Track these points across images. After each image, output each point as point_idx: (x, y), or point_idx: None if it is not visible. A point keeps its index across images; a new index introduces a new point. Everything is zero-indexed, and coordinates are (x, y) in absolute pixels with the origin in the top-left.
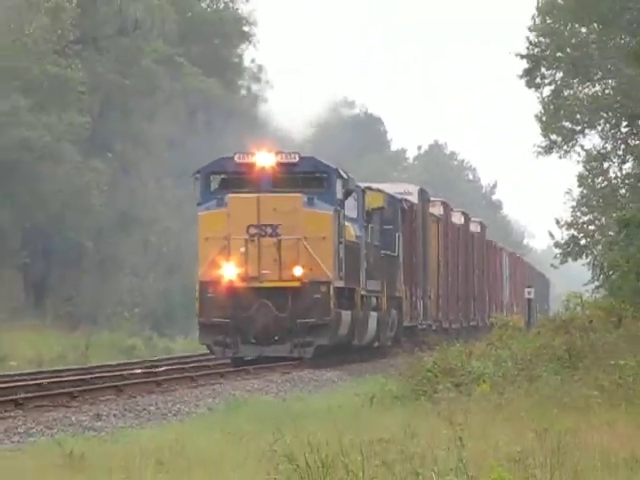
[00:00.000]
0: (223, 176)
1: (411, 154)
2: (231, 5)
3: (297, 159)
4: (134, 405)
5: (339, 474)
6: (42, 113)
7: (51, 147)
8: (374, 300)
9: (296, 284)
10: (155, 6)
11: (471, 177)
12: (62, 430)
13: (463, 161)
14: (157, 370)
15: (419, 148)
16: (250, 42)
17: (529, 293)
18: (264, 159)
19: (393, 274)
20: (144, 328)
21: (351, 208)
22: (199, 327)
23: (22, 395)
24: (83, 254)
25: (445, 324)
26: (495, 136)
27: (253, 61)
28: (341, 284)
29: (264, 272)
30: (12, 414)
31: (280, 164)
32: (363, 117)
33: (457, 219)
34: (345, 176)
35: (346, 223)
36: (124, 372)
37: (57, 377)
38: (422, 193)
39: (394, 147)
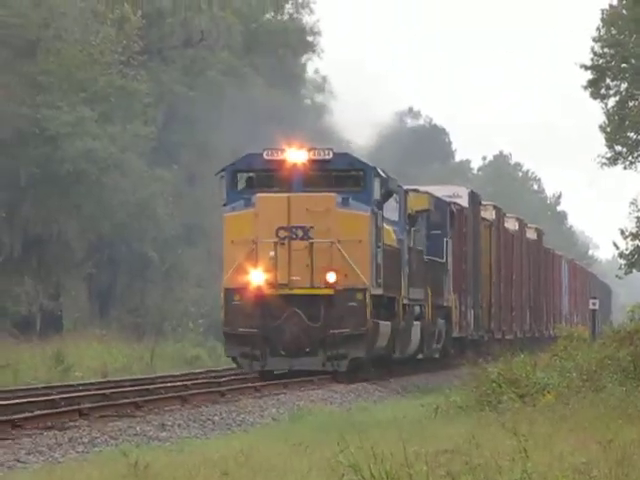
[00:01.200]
0: (251, 174)
1: (476, 164)
2: (295, 16)
3: (331, 156)
4: (198, 415)
5: None
6: (107, 124)
7: (116, 158)
8: (417, 309)
9: (329, 291)
10: (220, 17)
11: (536, 187)
12: (127, 440)
13: (528, 172)
14: (221, 380)
15: (484, 159)
16: (314, 52)
17: (594, 304)
18: (295, 156)
19: (440, 282)
20: (208, 339)
21: (392, 210)
22: (225, 338)
23: (87, 405)
24: (148, 264)
25: (498, 335)
26: (560, 147)
27: (317, 72)
28: (379, 292)
29: (294, 278)
30: (77, 424)
31: (313, 161)
32: (428, 127)
33: (511, 225)
34: (384, 175)
35: (386, 226)
36: (188, 382)
37: (122, 387)
38: (473, 196)
39: (458, 157)
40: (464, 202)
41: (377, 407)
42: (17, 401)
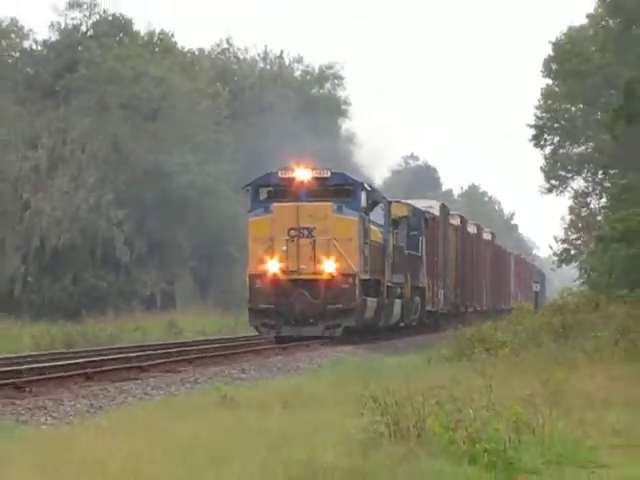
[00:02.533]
0: (269, 188)
1: (456, 192)
2: (333, 92)
3: (329, 174)
4: (267, 363)
5: (407, 410)
6: (204, 164)
7: (211, 187)
8: (399, 290)
9: (327, 276)
10: (282, 93)
11: (497, 208)
12: (219, 380)
13: (491, 197)
14: None
15: (461, 188)
16: (346, 116)
17: (536, 287)
18: (302, 174)
19: (416, 269)
20: None
21: (379, 216)
22: (249, 312)
23: (192, 356)
24: (233, 260)
25: (462, 309)
26: (514, 179)
27: (347, 130)
28: (366, 276)
29: (302, 267)
30: (185, 369)
31: (315, 178)
32: (423, 167)
33: (471, 229)
34: (369, 188)
35: (373, 227)
36: (260, 341)
37: (215, 344)
38: (443, 208)
39: (444, 188)
40: (436, 212)
41: (387, 359)
42: (145, 353)
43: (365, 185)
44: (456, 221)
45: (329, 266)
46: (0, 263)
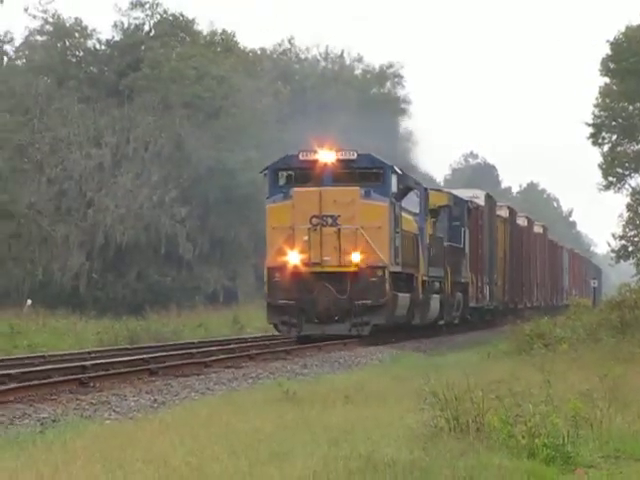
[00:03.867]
0: (289, 172)
1: (515, 189)
2: (393, 91)
3: (355, 156)
4: (329, 358)
5: (466, 405)
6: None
7: None
8: (437, 284)
9: (354, 269)
10: (343, 92)
11: (555, 205)
12: (281, 375)
13: (550, 194)
14: None
15: (520, 186)
16: (406, 114)
17: (594, 283)
18: (326, 156)
19: (458, 263)
20: None
21: (413, 203)
22: (267, 308)
23: (254, 351)
24: None
25: (511, 305)
26: (573, 177)
27: (406, 129)
28: (398, 269)
29: (325, 258)
30: (247, 364)
31: (340, 160)
32: (483, 165)
33: (521, 221)
34: (400, 172)
35: (406, 215)
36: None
37: (277, 339)
38: (488, 198)
39: (503, 185)
40: (481, 202)
41: (449, 354)
42: (208, 349)
43: (395, 168)
44: (504, 212)
45: (356, 257)
46: (65, 260)
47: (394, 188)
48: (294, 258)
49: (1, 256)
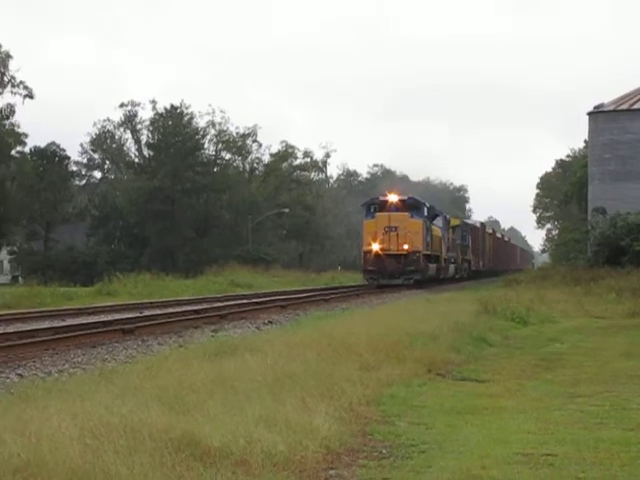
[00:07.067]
0: (375, 205)
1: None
2: None
3: (407, 197)
4: (368, 301)
5: (492, 302)
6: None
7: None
8: (452, 259)
9: (405, 252)
10: None
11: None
12: (317, 316)
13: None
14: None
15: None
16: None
17: (533, 263)
18: (392, 197)
19: (465, 251)
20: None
21: (439, 222)
22: (363, 271)
23: (361, 291)
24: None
25: (492, 269)
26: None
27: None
28: (428, 252)
29: (391, 247)
30: (359, 296)
31: (399, 199)
32: (452, 188)
33: (498, 235)
34: (429, 206)
35: (435, 227)
36: (357, 286)
37: (316, 292)
38: (482, 224)
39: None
40: (478, 225)
41: (471, 289)
42: (264, 299)
43: (426, 204)
44: (490, 230)
45: (406, 246)
46: None
47: (425, 213)
48: (376, 247)
49: None
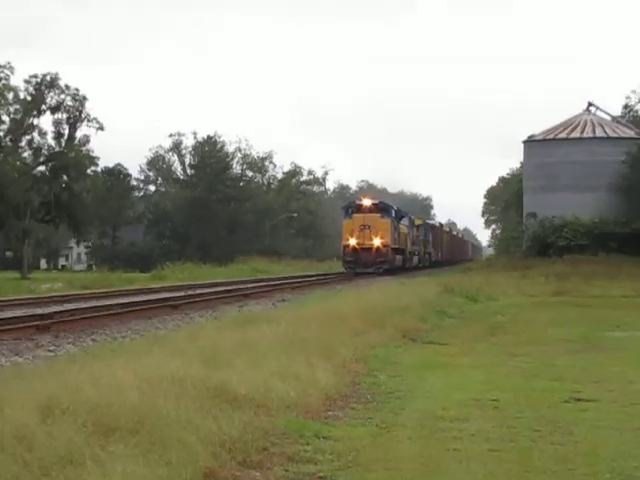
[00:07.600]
0: (352, 208)
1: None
2: None
3: (378, 202)
4: (372, 281)
5: (450, 284)
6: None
7: None
8: (416, 252)
9: (376, 246)
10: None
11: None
12: (319, 295)
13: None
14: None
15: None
16: None
17: (481, 254)
18: (366, 201)
19: (427, 245)
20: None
21: (405, 221)
22: (343, 262)
23: (341, 278)
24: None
25: (449, 260)
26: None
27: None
28: (396, 246)
29: (365, 241)
30: (339, 282)
31: (372, 203)
32: (420, 198)
33: (453, 232)
34: (396, 208)
35: (402, 226)
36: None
37: (311, 278)
38: (441, 224)
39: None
40: (437, 224)
41: (433, 275)
42: (278, 282)
43: (394, 207)
44: (447, 229)
45: (377, 241)
46: None
47: (393, 215)
48: (353, 242)
49: None
